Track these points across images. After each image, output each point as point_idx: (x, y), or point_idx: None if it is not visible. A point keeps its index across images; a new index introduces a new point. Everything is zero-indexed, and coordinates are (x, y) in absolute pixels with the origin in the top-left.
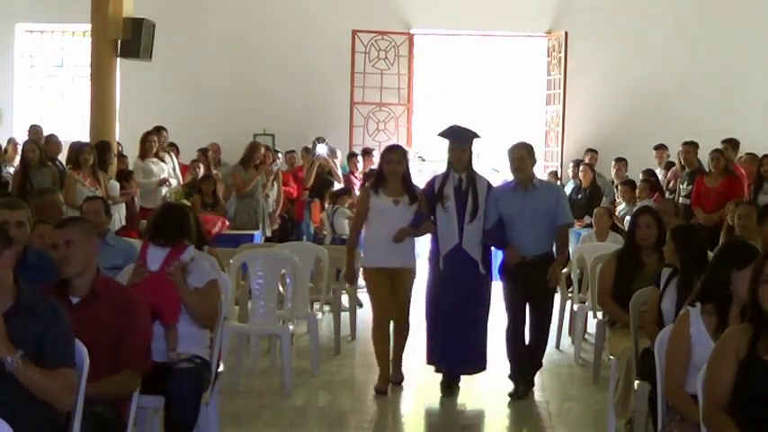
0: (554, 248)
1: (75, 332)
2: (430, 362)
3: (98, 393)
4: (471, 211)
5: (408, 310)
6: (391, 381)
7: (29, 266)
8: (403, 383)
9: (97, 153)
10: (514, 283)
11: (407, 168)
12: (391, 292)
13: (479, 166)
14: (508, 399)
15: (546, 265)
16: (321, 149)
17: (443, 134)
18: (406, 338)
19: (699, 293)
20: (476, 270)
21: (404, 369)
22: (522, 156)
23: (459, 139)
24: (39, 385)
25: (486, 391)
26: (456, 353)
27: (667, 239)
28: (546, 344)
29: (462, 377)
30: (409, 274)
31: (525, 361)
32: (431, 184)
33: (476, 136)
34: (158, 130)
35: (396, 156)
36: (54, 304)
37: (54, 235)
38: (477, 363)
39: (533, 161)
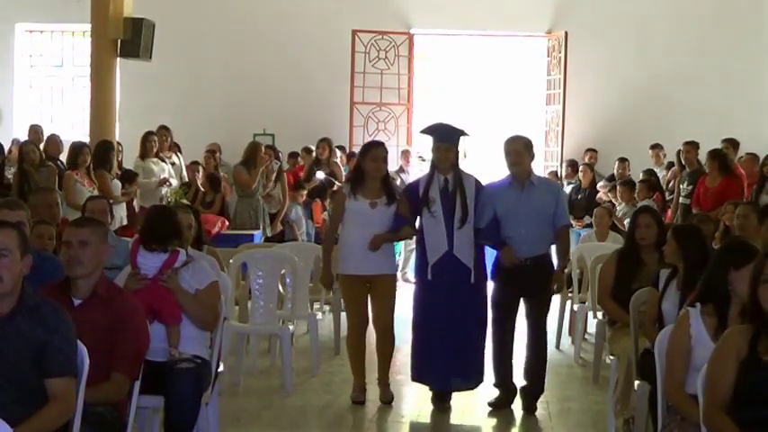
0: (552, 250)
1: (77, 333)
2: (416, 379)
3: (89, 400)
4: (461, 216)
5: (392, 320)
6: (381, 401)
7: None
8: (392, 402)
9: (99, 152)
10: (506, 285)
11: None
12: (370, 300)
13: (467, 165)
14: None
15: (542, 268)
16: (320, 175)
17: (427, 131)
18: (391, 351)
19: (698, 294)
20: (468, 278)
21: (401, 373)
22: (517, 149)
23: (444, 138)
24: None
25: (487, 390)
26: (450, 367)
27: (669, 239)
28: (545, 365)
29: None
30: (388, 280)
31: (512, 370)
32: (414, 186)
33: (462, 134)
34: (162, 129)
35: (383, 152)
36: (58, 308)
37: (70, 233)
38: (477, 376)
39: (531, 156)
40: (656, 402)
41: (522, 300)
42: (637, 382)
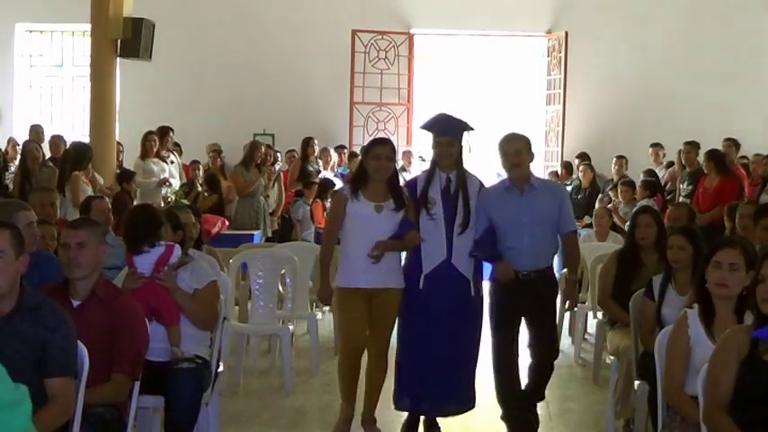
0: (554, 262)
1: (77, 334)
2: (400, 405)
3: (91, 401)
4: (462, 221)
5: (388, 343)
6: (365, 430)
7: (31, 266)
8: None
9: (77, 154)
10: (505, 303)
11: (395, 168)
12: (369, 318)
13: (471, 163)
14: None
15: (545, 283)
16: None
17: (427, 125)
18: (382, 380)
19: (692, 296)
20: (467, 290)
21: None
22: (519, 149)
23: (446, 131)
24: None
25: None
26: (443, 390)
27: (680, 241)
28: (547, 381)
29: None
30: (395, 295)
31: (520, 399)
32: (411, 185)
33: (466, 127)
34: (166, 130)
35: (385, 151)
36: (58, 308)
37: (67, 235)
38: (467, 400)
39: (531, 156)
40: (656, 403)
41: (523, 318)
42: (637, 383)
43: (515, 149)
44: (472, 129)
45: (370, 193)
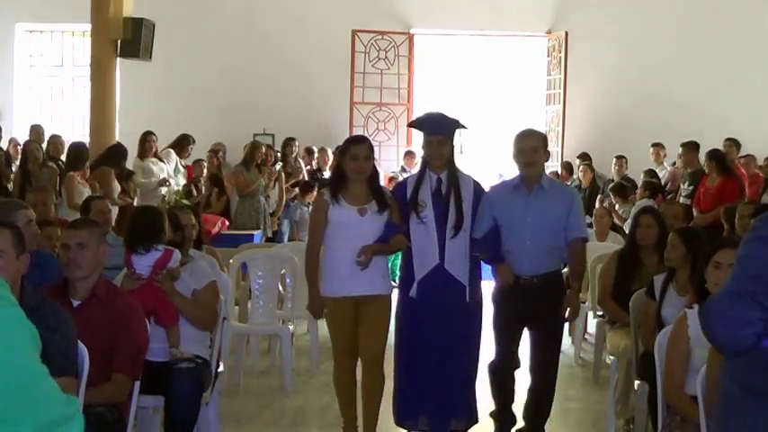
0: (561, 268)
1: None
2: (400, 422)
3: (91, 401)
4: (455, 224)
5: (383, 350)
6: None
7: (31, 266)
8: None
9: (108, 155)
10: (508, 308)
11: (375, 167)
12: (359, 327)
13: (466, 164)
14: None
15: (550, 290)
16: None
17: (417, 123)
18: (380, 390)
19: (692, 296)
20: (462, 296)
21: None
22: (536, 146)
23: (437, 129)
24: None
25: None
26: (441, 404)
27: (674, 241)
28: (548, 410)
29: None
30: (382, 302)
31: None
32: (401, 187)
33: (458, 125)
34: (188, 140)
35: (362, 150)
36: (59, 309)
37: (67, 235)
38: (468, 415)
39: (547, 155)
40: (656, 403)
41: (526, 327)
42: (637, 383)
43: (532, 146)
44: (465, 127)
45: (351, 196)
